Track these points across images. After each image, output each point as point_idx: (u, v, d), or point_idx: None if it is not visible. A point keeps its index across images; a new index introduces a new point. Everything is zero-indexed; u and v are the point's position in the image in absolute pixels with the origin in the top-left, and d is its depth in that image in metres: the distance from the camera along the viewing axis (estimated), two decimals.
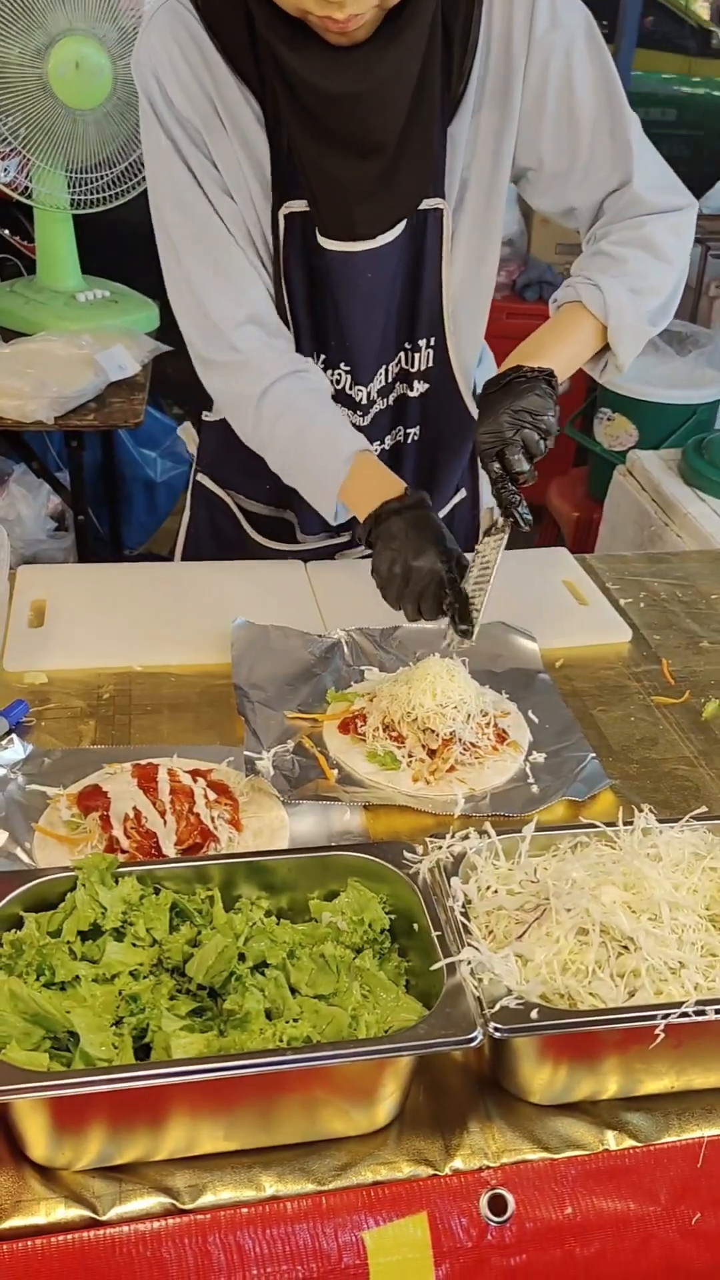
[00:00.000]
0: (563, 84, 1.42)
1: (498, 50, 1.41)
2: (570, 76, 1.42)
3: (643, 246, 1.47)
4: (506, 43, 1.40)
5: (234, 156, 1.42)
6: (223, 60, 1.37)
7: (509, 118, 1.45)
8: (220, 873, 1.02)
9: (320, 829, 1.22)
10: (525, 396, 1.33)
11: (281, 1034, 0.87)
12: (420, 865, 1.01)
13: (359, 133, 1.38)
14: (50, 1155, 0.86)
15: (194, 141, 1.42)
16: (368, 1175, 0.89)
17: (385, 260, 1.49)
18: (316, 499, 1.52)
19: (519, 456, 1.32)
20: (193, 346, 1.54)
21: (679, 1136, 0.93)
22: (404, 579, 1.35)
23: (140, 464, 3.57)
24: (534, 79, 1.42)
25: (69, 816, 1.18)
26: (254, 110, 1.40)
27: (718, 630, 1.66)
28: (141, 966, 0.93)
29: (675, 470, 2.82)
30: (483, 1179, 0.90)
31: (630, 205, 1.49)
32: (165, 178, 1.44)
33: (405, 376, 1.62)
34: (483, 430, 1.35)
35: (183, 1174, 0.88)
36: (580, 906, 0.94)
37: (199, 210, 1.45)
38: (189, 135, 1.41)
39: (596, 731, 1.42)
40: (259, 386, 1.49)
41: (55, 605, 1.58)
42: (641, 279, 1.46)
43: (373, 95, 1.33)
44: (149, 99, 1.41)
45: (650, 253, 1.47)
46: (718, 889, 0.99)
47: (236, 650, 1.46)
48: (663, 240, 1.47)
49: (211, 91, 1.38)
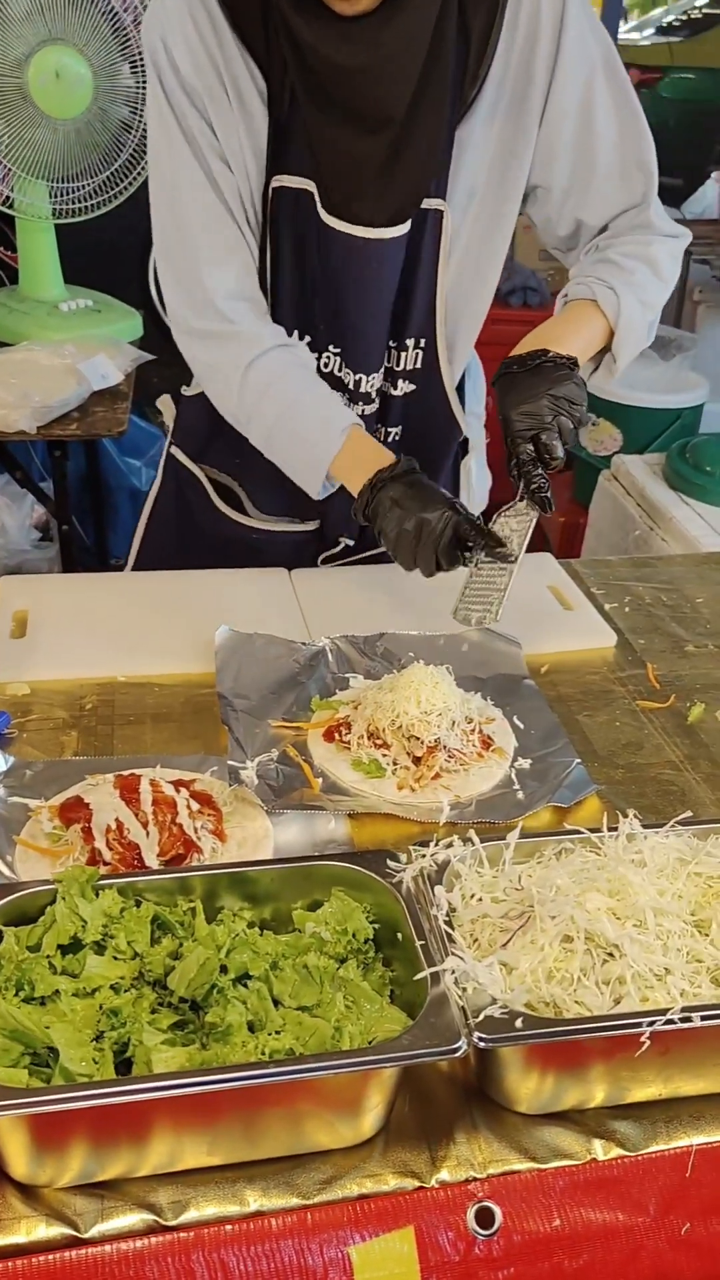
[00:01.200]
0: (584, 110, 1.45)
1: (518, 63, 1.42)
2: (591, 103, 1.45)
3: (648, 263, 1.51)
4: (529, 57, 1.42)
5: (234, 127, 1.43)
6: (231, 30, 1.38)
7: (524, 133, 1.46)
8: (202, 884, 1.01)
9: (305, 838, 1.21)
10: (563, 384, 1.36)
11: (264, 1046, 0.86)
12: (404, 874, 1.00)
13: (366, 106, 1.39)
14: (31, 1173, 0.85)
15: (196, 108, 1.43)
16: (353, 1188, 0.88)
17: (387, 253, 1.49)
18: (303, 472, 1.52)
19: (556, 442, 1.34)
20: (178, 319, 1.55)
21: (667, 1145, 0.93)
22: (415, 535, 1.36)
23: (125, 473, 3.56)
24: (555, 102, 1.44)
25: (51, 829, 1.17)
26: (257, 83, 1.41)
27: (702, 634, 1.66)
28: (123, 980, 0.92)
29: (660, 475, 2.82)
30: (469, 1191, 0.89)
31: (640, 226, 1.53)
32: (165, 144, 1.46)
33: (390, 375, 1.62)
34: (519, 410, 1.35)
35: (166, 1190, 0.87)
36: (565, 914, 0.93)
37: (197, 179, 1.45)
38: (192, 102, 1.42)
39: (582, 737, 1.41)
40: (246, 358, 1.49)
41: (37, 616, 1.57)
42: (645, 292, 1.50)
43: (380, 67, 1.35)
44: (155, 63, 1.42)
45: (654, 271, 1.51)
46: (703, 894, 0.99)
47: (220, 659, 1.45)
48: (664, 262, 1.53)
49: (218, 60, 1.40)
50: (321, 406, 1.49)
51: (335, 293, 1.51)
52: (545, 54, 1.41)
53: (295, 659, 1.48)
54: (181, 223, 1.48)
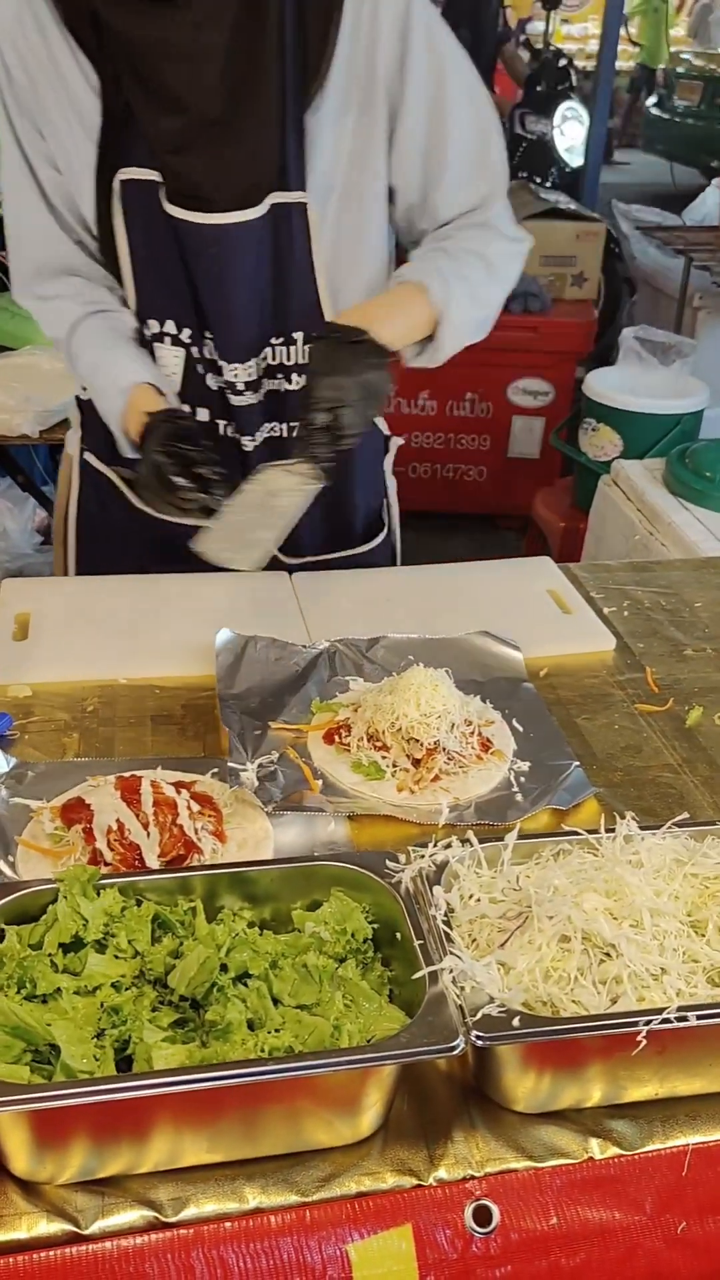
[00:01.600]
0: (433, 112, 1.49)
1: (364, 62, 1.46)
2: (442, 104, 1.49)
3: (484, 261, 1.55)
4: (372, 55, 1.45)
5: (66, 121, 1.47)
6: (58, 25, 1.42)
7: (375, 130, 1.50)
8: (202, 884, 1.02)
9: (305, 840, 1.22)
10: (376, 370, 1.39)
11: (263, 1044, 0.87)
12: (403, 874, 1.01)
13: (180, 87, 1.42)
14: (32, 1169, 0.86)
15: (21, 107, 1.47)
16: (352, 1186, 0.88)
17: (240, 242, 1.51)
18: (115, 434, 1.58)
19: (355, 421, 1.37)
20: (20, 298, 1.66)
21: (664, 1144, 0.93)
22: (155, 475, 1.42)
23: None
24: (404, 103, 1.49)
25: (52, 829, 1.18)
26: (89, 78, 1.44)
27: (701, 638, 1.66)
28: (123, 978, 0.92)
29: (660, 480, 2.83)
30: (467, 1190, 0.90)
31: (481, 225, 1.57)
32: (3, 147, 1.52)
33: (281, 370, 1.62)
34: (328, 380, 1.37)
35: (166, 1187, 0.87)
36: (562, 914, 0.94)
37: (30, 200, 1.54)
38: (17, 100, 1.47)
39: (581, 740, 1.42)
40: (64, 329, 1.58)
41: (39, 618, 1.58)
42: (477, 288, 1.55)
43: (178, 46, 1.38)
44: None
45: (488, 269, 1.56)
46: (699, 895, 0.99)
47: (221, 661, 1.46)
48: (503, 264, 1.58)
49: (44, 56, 1.44)
50: (113, 368, 1.55)
51: (193, 282, 1.54)
52: (389, 54, 1.45)
53: (295, 662, 1.49)
54: (6, 211, 1.58)
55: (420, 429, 4.40)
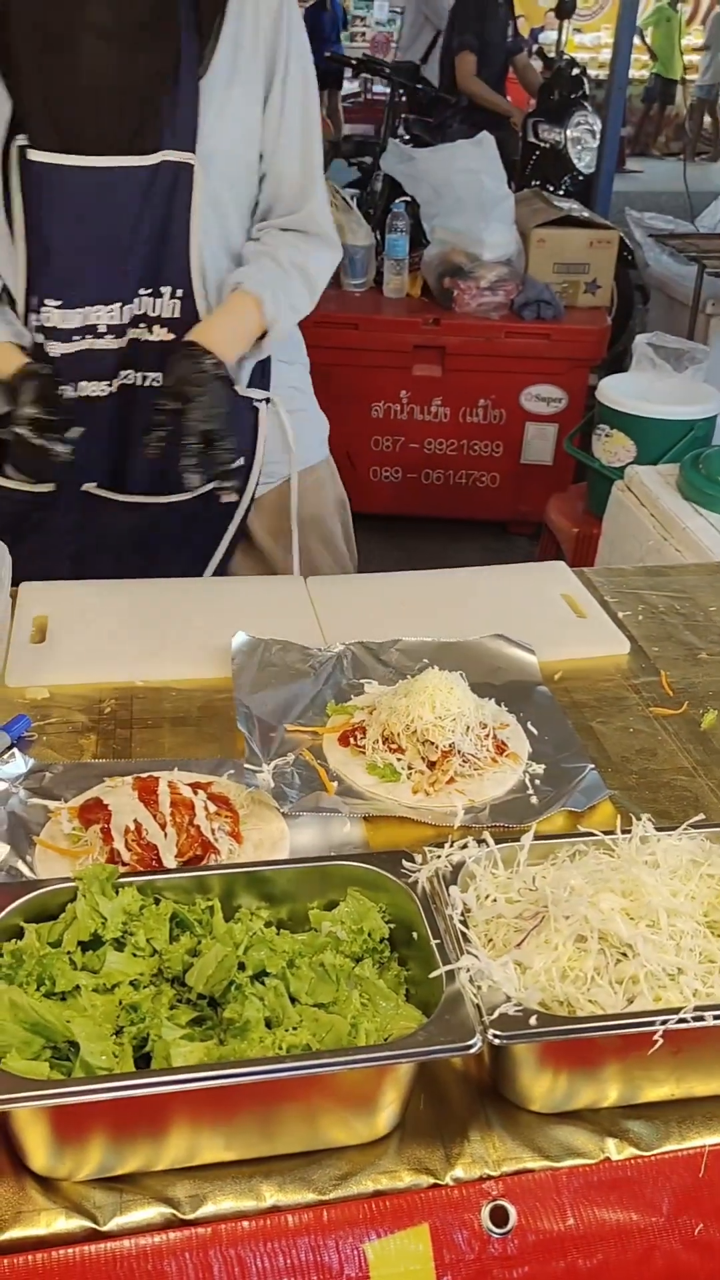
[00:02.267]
0: (297, 103, 1.67)
1: (249, 38, 1.61)
2: (306, 98, 1.68)
3: (303, 275, 1.74)
4: (255, 35, 1.61)
5: None
6: None
7: (254, 107, 1.65)
8: (220, 883, 1.02)
9: (320, 841, 1.23)
10: (212, 383, 1.55)
11: (281, 1042, 0.87)
12: (419, 874, 1.01)
13: (69, 33, 1.52)
14: (51, 1166, 0.86)
15: None
16: (368, 1184, 0.89)
17: (114, 190, 1.59)
18: None
19: (189, 423, 1.52)
20: None
21: (680, 1145, 0.93)
22: None
23: None
24: (280, 87, 1.65)
25: (70, 830, 1.18)
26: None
27: (716, 642, 1.66)
28: (142, 976, 0.93)
29: (673, 485, 2.83)
30: (484, 1190, 0.90)
31: (304, 228, 1.75)
32: None
33: (144, 320, 1.70)
34: (170, 387, 1.55)
35: (183, 1184, 0.88)
36: (579, 914, 0.94)
37: None
38: None
39: (595, 743, 1.42)
40: None
41: (57, 621, 1.59)
42: (296, 299, 1.75)
43: None
44: None
45: (307, 283, 1.75)
46: (715, 896, 0.99)
47: (237, 664, 1.47)
48: (317, 276, 1.77)
49: None
50: None
51: (40, 222, 1.59)
52: (268, 37, 1.62)
53: (311, 664, 1.50)
54: None
55: (433, 435, 4.41)
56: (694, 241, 4.57)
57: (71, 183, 1.58)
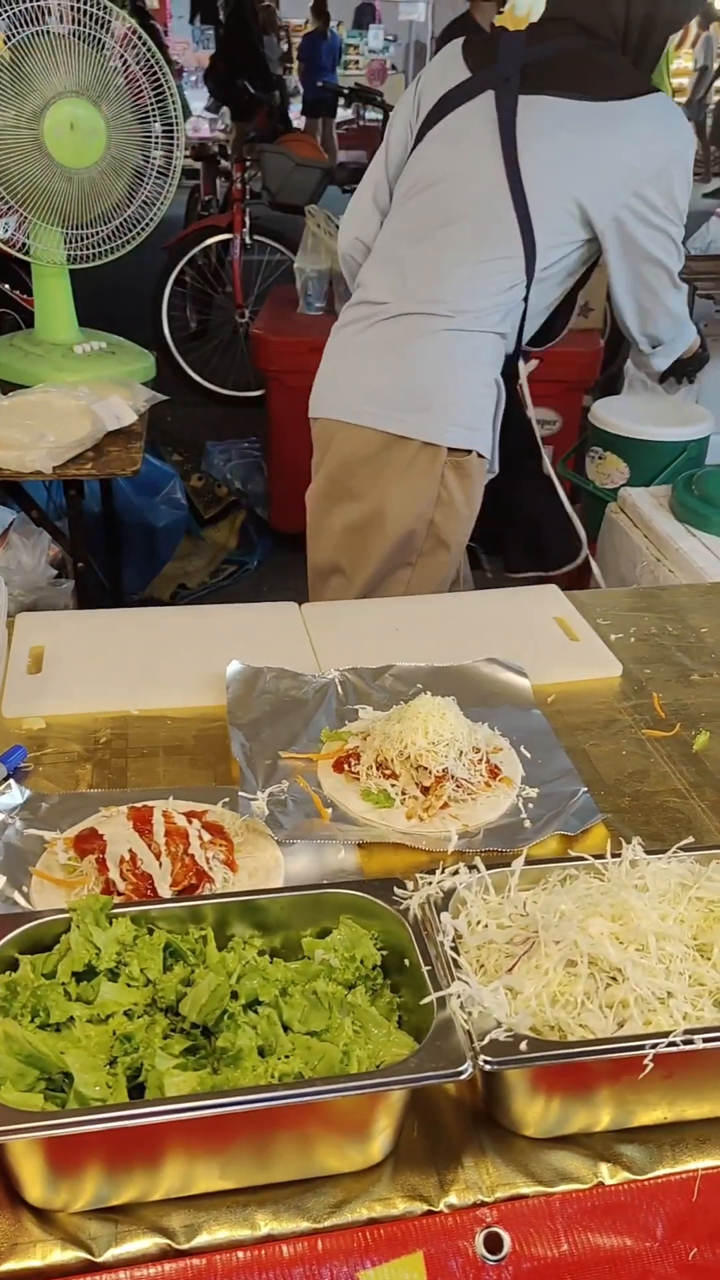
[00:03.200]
0: None
1: None
2: None
3: None
4: None
5: None
6: None
7: None
8: (214, 912, 1.03)
9: (315, 868, 1.23)
10: None
11: (273, 1070, 0.88)
12: (411, 901, 1.02)
13: None
14: (46, 1197, 0.87)
15: None
16: (363, 1212, 0.89)
17: None
18: None
19: None
20: None
21: (673, 1168, 0.94)
22: None
23: (140, 510, 3.61)
24: None
25: (66, 860, 1.19)
26: None
27: (708, 663, 1.67)
28: (135, 1006, 0.94)
29: (666, 506, 2.84)
30: (478, 1217, 0.90)
31: None
32: None
33: None
34: None
35: (179, 1214, 0.88)
36: (568, 938, 0.94)
37: None
38: None
39: (589, 765, 1.43)
40: None
41: (53, 651, 1.60)
42: None
43: None
44: None
45: None
46: (704, 918, 1.00)
47: (232, 693, 1.48)
48: None
49: None
50: None
51: None
52: None
53: (305, 691, 1.51)
54: None
55: None
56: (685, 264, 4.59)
57: None
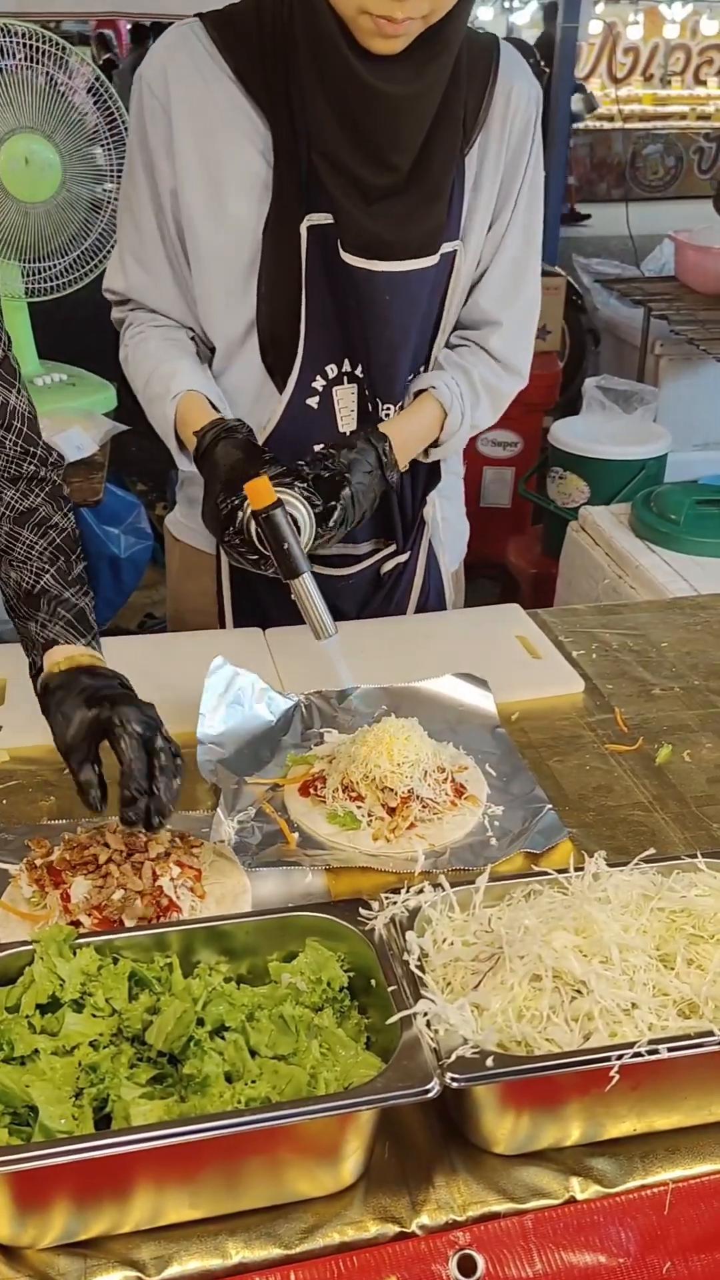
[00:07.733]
0: (520, 224, 1.65)
1: (495, 143, 1.58)
2: (532, 223, 1.67)
3: (492, 396, 1.72)
4: (503, 142, 1.58)
5: (235, 173, 1.51)
6: (231, 79, 1.48)
7: (492, 210, 1.62)
8: (179, 940, 1.02)
9: (282, 892, 1.23)
10: (373, 480, 1.54)
11: (240, 1096, 0.87)
12: (376, 921, 1.02)
13: (387, 140, 1.46)
14: (13, 1234, 0.86)
15: (163, 150, 1.52)
16: (335, 1236, 0.89)
17: (413, 288, 1.57)
18: (165, 440, 1.63)
19: (350, 509, 1.50)
20: None
21: (644, 1179, 0.94)
22: None
23: (104, 541, 3.60)
24: (509, 204, 1.63)
25: (30, 894, 1.18)
26: (259, 127, 1.49)
27: (669, 677, 1.69)
28: (101, 1036, 0.93)
29: (626, 524, 2.88)
30: (451, 1239, 0.90)
31: (494, 343, 1.71)
32: (128, 170, 1.60)
33: None
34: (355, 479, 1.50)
35: (148, 1246, 0.87)
36: (533, 953, 0.95)
37: (142, 208, 1.59)
38: (161, 138, 1.51)
39: (553, 782, 1.44)
40: (125, 349, 1.67)
41: (15, 684, 1.59)
42: (479, 416, 1.73)
43: (411, 102, 1.44)
44: (141, 106, 1.52)
45: (493, 404, 1.74)
46: (666, 929, 1.01)
47: (208, 698, 1.47)
48: (502, 401, 1.76)
49: (210, 104, 1.48)
50: (167, 378, 1.59)
51: (362, 326, 1.58)
52: (518, 149, 1.59)
53: (271, 712, 1.51)
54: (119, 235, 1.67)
55: None
56: (639, 285, 4.67)
57: (364, 284, 1.54)
